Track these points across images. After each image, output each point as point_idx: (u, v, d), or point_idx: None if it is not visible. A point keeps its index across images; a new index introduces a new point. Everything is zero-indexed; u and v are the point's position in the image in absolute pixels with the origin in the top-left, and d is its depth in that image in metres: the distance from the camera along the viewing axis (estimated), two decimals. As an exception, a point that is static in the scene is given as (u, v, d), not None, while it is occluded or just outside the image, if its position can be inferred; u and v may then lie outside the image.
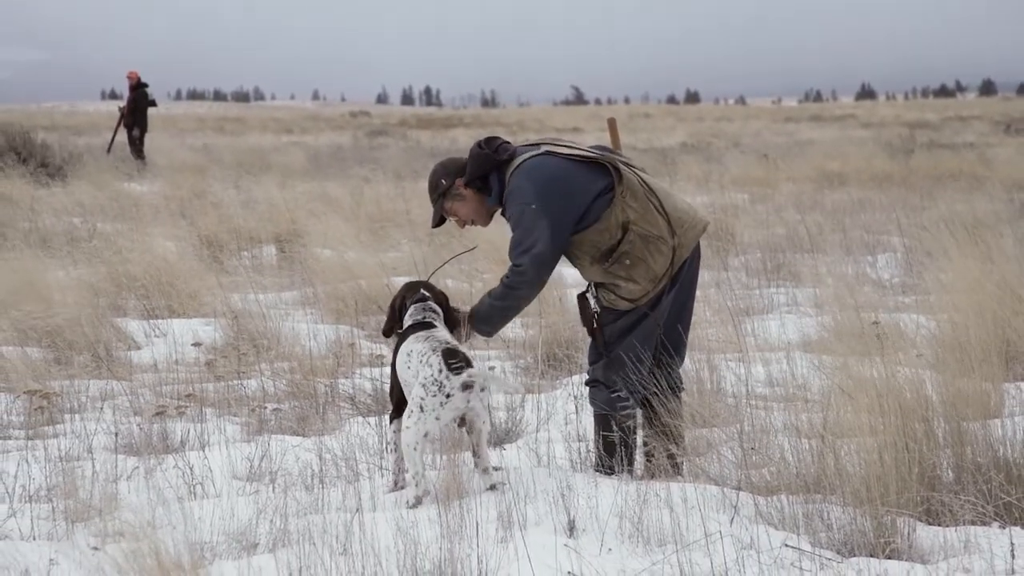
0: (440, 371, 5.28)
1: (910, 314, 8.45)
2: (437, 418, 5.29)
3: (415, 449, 5.29)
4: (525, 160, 5.61)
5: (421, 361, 5.38)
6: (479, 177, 5.71)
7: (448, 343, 5.42)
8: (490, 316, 5.64)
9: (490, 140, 5.72)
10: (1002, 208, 13.92)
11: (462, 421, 5.42)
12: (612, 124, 6.38)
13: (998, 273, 7.58)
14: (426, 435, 5.30)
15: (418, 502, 5.27)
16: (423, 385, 5.30)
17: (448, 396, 5.27)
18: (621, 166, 5.56)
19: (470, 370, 5.30)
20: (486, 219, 5.80)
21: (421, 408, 5.29)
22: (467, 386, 5.30)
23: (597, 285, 5.61)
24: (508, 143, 5.73)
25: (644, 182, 5.61)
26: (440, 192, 5.78)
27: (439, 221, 5.88)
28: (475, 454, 5.45)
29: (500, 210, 5.72)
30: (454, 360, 5.30)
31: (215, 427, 6.54)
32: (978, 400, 5.55)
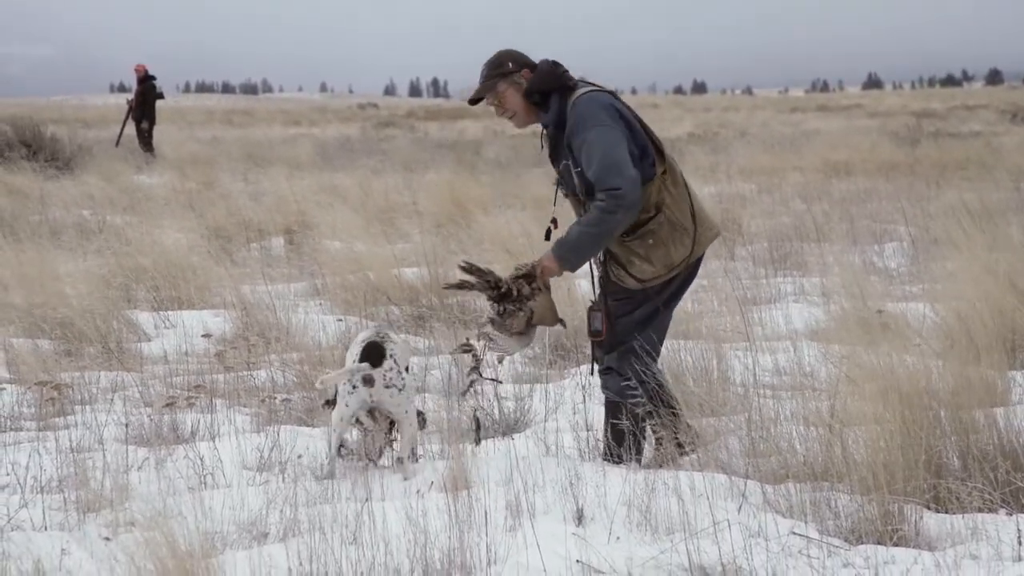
0: (354, 362, 5.60)
1: (916, 303, 8.46)
2: (347, 405, 5.60)
3: (334, 431, 5.65)
4: (591, 91, 5.57)
5: (350, 349, 5.78)
6: (540, 92, 5.61)
7: (378, 336, 5.73)
8: (580, 245, 5.48)
9: (558, 64, 5.69)
10: (1009, 197, 13.92)
11: (390, 424, 5.74)
12: None
13: (1005, 261, 7.59)
14: (342, 419, 5.61)
15: (326, 476, 5.57)
16: (342, 374, 5.62)
17: (354, 387, 5.57)
18: (666, 151, 5.59)
19: (365, 364, 5.57)
20: (525, 123, 5.72)
21: (341, 392, 5.63)
22: (367, 380, 5.54)
23: (607, 258, 5.60)
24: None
25: (682, 174, 5.64)
26: (502, 72, 5.64)
27: (477, 100, 5.75)
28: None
29: (544, 132, 5.66)
30: (372, 353, 5.59)
31: (225, 418, 6.57)
32: (984, 388, 5.56)
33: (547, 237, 5.76)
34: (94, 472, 5.42)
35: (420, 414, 5.88)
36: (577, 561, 4.50)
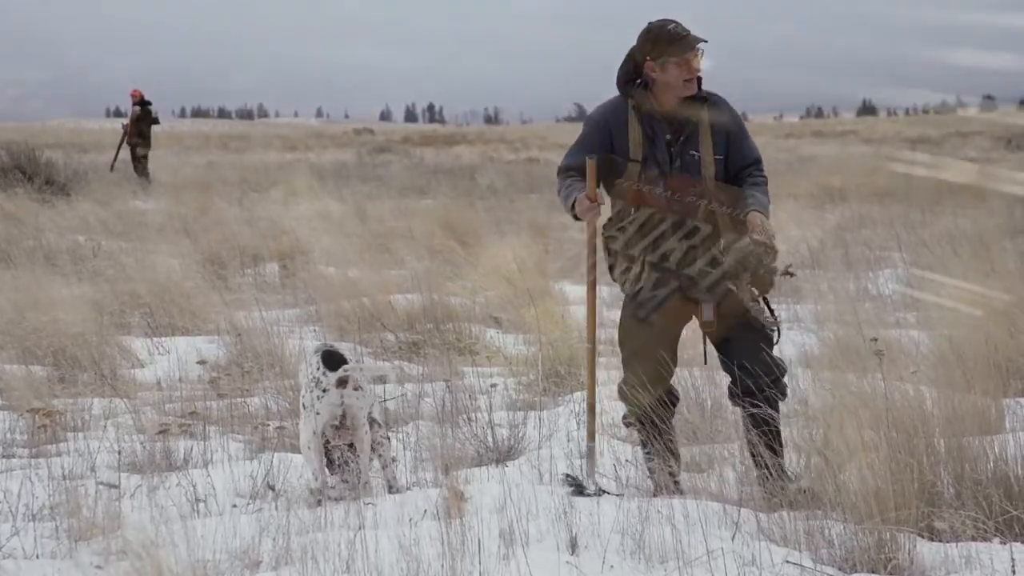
0: (318, 368, 5.64)
1: (910, 330, 8.46)
2: (317, 413, 5.61)
3: (308, 447, 5.65)
4: None
5: (305, 361, 5.82)
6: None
7: (330, 345, 5.83)
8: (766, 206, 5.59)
9: None
10: (1003, 223, 13.93)
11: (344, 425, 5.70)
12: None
13: (999, 288, 7.60)
14: (315, 432, 5.61)
15: (317, 500, 5.53)
16: (305, 383, 5.67)
17: (324, 391, 5.61)
18: None
19: (345, 366, 5.64)
20: (693, 91, 5.58)
21: (304, 406, 5.65)
22: (341, 382, 5.60)
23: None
24: None
25: None
26: (699, 40, 5.58)
27: (698, 42, 5.58)
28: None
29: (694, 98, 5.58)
30: (331, 359, 5.66)
31: (218, 445, 6.56)
32: (978, 416, 5.56)
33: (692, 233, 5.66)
34: (86, 500, 5.40)
35: (375, 422, 5.90)
36: (570, 590, 4.49)
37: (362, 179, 25.55)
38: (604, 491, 5.56)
